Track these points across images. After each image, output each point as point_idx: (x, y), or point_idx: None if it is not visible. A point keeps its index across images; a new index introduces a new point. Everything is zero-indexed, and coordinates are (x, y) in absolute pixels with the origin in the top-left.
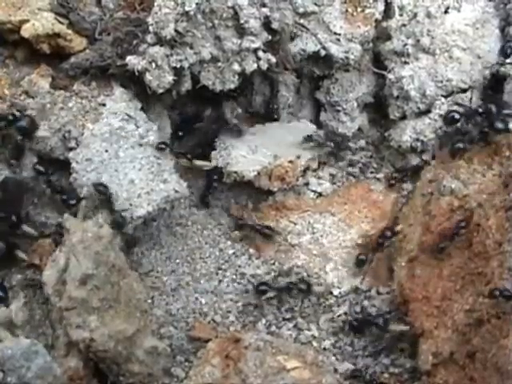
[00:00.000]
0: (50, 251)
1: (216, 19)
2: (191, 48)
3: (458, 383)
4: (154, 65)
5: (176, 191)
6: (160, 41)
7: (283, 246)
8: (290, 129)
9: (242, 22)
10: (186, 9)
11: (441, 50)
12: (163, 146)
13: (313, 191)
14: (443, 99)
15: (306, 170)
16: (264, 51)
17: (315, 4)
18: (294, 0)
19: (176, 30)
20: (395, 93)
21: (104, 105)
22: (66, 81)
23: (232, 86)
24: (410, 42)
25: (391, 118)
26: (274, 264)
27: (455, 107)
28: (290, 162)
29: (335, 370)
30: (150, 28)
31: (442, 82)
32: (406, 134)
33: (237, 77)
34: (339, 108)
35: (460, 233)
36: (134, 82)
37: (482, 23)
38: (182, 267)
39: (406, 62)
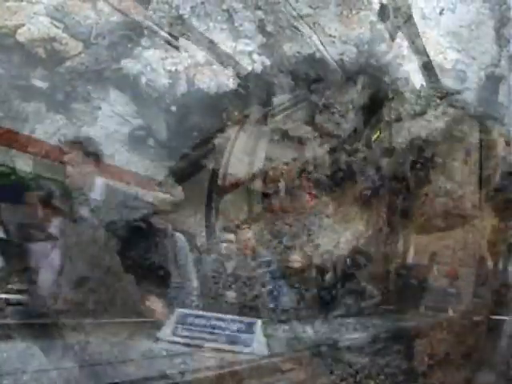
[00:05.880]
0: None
1: (211, 22)
2: (186, 51)
3: None
4: (149, 68)
5: (171, 194)
6: (155, 44)
7: (279, 247)
8: (285, 131)
9: (236, 24)
10: (181, 12)
11: (436, 51)
12: None
13: (308, 193)
14: (438, 101)
15: (301, 172)
16: (259, 54)
17: (310, 7)
18: (288, 3)
19: (171, 34)
20: (390, 94)
21: (100, 108)
22: (61, 84)
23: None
24: (404, 43)
25: (386, 119)
26: (269, 266)
27: None
28: (286, 164)
29: (331, 372)
30: (145, 31)
31: (437, 83)
32: (401, 135)
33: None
34: (334, 110)
35: None
36: (130, 86)
37: (477, 24)
38: (179, 270)
39: (400, 64)
